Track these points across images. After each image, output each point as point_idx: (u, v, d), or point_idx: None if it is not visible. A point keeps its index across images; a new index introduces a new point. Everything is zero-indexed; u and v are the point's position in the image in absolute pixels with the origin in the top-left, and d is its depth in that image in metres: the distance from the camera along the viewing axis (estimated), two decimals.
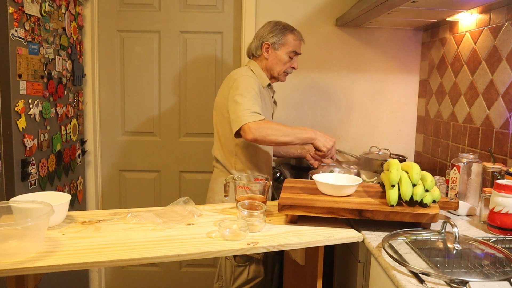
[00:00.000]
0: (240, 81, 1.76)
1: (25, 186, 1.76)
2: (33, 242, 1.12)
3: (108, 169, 2.67)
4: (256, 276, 1.87)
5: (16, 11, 1.66)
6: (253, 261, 1.85)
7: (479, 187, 1.55)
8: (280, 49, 1.88)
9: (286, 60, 1.89)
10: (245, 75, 1.80)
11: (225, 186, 1.56)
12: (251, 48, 1.94)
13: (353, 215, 1.33)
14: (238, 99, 1.69)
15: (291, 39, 1.88)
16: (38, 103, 1.86)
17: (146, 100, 2.62)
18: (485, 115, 1.83)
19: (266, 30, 1.90)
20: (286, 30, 1.89)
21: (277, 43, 1.87)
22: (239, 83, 1.75)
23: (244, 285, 1.87)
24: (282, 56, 1.88)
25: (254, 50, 1.93)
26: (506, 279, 0.99)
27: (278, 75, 1.93)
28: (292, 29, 1.91)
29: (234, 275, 1.87)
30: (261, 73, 1.90)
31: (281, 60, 1.89)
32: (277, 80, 1.97)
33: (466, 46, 1.99)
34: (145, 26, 2.55)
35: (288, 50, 1.88)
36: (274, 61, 1.89)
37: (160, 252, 1.16)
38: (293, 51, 1.89)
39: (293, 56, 1.91)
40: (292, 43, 1.89)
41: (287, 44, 1.88)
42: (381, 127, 2.57)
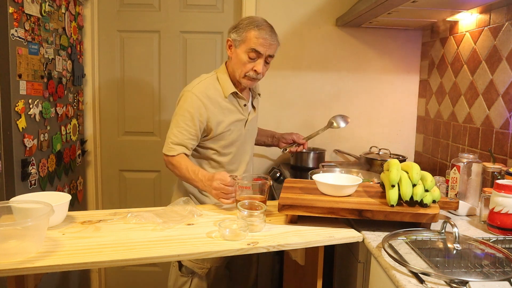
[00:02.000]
0: (182, 100, 1.69)
1: (25, 186, 1.76)
2: (33, 242, 1.12)
3: (108, 169, 2.67)
4: None
5: (16, 11, 1.66)
6: (195, 276, 1.75)
7: (479, 187, 1.55)
8: (240, 46, 1.63)
9: (244, 60, 1.63)
10: (190, 91, 1.66)
11: None
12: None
13: (353, 215, 1.33)
14: (171, 121, 1.71)
15: (252, 35, 1.60)
16: (38, 103, 1.86)
17: (146, 100, 2.62)
18: (485, 115, 1.83)
19: (232, 25, 1.69)
20: (250, 25, 1.62)
21: (237, 40, 1.63)
22: (180, 101, 1.70)
23: None
24: (240, 54, 1.63)
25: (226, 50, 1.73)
26: (506, 279, 0.99)
27: (239, 78, 1.68)
28: (259, 25, 1.62)
29: (176, 284, 1.79)
30: (225, 82, 1.71)
31: (240, 59, 1.64)
32: (241, 85, 1.73)
33: (466, 46, 1.99)
34: (145, 26, 2.55)
35: (246, 48, 1.61)
36: (235, 61, 1.67)
37: (160, 252, 1.16)
38: (252, 49, 1.61)
39: (254, 57, 1.62)
40: (253, 40, 1.60)
41: (246, 41, 1.61)
42: (381, 127, 2.57)
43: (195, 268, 1.74)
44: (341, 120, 2.05)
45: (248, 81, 1.69)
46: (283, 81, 2.48)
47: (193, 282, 1.76)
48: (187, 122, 1.66)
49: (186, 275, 1.77)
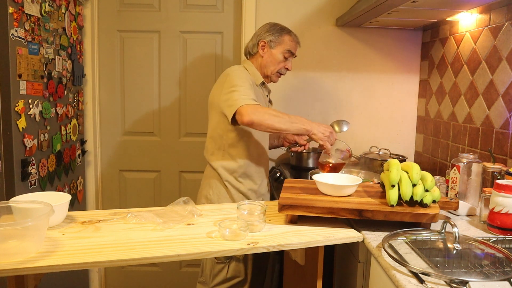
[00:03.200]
0: (234, 75, 1.76)
1: (25, 186, 1.76)
2: (33, 242, 1.12)
3: (108, 169, 2.67)
4: (235, 276, 1.85)
5: (16, 11, 1.66)
6: (232, 260, 1.84)
7: (479, 187, 1.55)
8: (276, 47, 1.89)
9: (280, 59, 1.90)
10: (238, 70, 1.81)
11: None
12: (248, 46, 1.96)
13: (353, 215, 1.33)
14: (233, 89, 1.68)
15: (287, 39, 1.90)
16: (38, 103, 1.86)
17: (146, 100, 2.62)
18: (485, 115, 1.83)
19: (264, 29, 1.92)
20: (283, 30, 1.91)
21: (273, 42, 1.89)
22: (233, 77, 1.74)
23: (223, 283, 1.85)
24: (277, 55, 1.89)
25: (250, 48, 1.94)
26: (506, 279, 0.99)
27: (271, 74, 1.93)
28: (289, 31, 1.92)
29: (213, 272, 1.86)
30: (254, 72, 1.91)
31: (276, 59, 1.90)
32: (270, 81, 1.97)
33: (466, 46, 1.99)
34: (145, 26, 2.55)
35: (283, 50, 1.89)
36: (269, 60, 1.90)
37: (160, 252, 1.16)
38: (288, 50, 1.90)
39: (288, 57, 1.92)
40: (288, 43, 1.90)
41: (283, 44, 1.89)
42: (381, 127, 2.57)
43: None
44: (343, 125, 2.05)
45: (277, 77, 1.97)
46: (283, 81, 2.48)
47: (230, 267, 1.84)
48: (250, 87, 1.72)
49: (223, 262, 1.83)
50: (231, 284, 1.85)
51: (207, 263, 1.90)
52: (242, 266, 1.85)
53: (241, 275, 1.86)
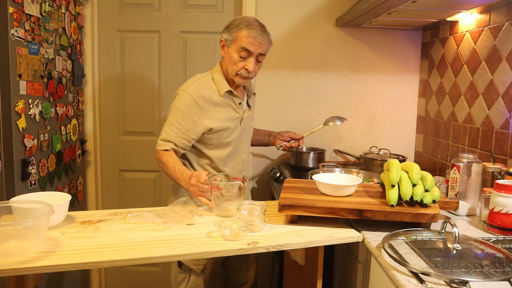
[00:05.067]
0: (176, 99, 1.72)
1: (25, 186, 1.76)
2: (33, 242, 1.12)
3: (108, 169, 2.67)
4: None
5: (16, 11, 1.66)
6: (192, 272, 1.79)
7: (479, 187, 1.55)
8: (231, 46, 1.68)
9: (235, 59, 1.67)
10: (184, 90, 1.70)
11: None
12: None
13: (353, 215, 1.33)
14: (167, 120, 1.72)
15: (242, 35, 1.64)
16: (38, 103, 1.86)
17: (146, 100, 2.62)
18: (485, 115, 1.83)
19: (225, 25, 1.72)
20: (241, 24, 1.66)
21: (228, 40, 1.68)
22: (175, 100, 1.73)
23: None
24: (232, 54, 1.68)
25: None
26: (506, 279, 0.99)
27: (231, 76, 1.72)
28: (249, 24, 1.66)
29: (176, 280, 1.83)
30: (220, 81, 1.74)
31: (231, 58, 1.68)
32: (234, 83, 1.75)
33: (466, 46, 1.99)
34: (145, 26, 2.55)
35: (237, 47, 1.66)
36: (227, 60, 1.71)
37: (160, 252, 1.16)
38: (242, 47, 1.64)
39: (244, 56, 1.66)
40: (243, 39, 1.64)
41: (237, 40, 1.65)
42: (381, 127, 2.57)
43: (191, 265, 1.78)
44: (337, 119, 2.08)
45: (241, 79, 1.72)
46: (283, 81, 2.48)
47: (190, 279, 1.80)
48: (178, 120, 1.68)
49: (184, 272, 1.80)
50: None
51: (172, 270, 1.86)
52: (202, 281, 1.80)
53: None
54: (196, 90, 1.70)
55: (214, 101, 1.72)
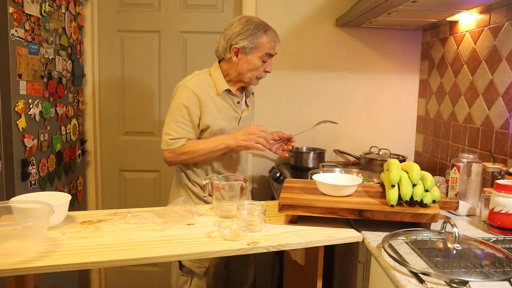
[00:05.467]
0: (175, 94, 1.70)
1: (25, 186, 1.77)
2: (33, 242, 1.12)
3: (108, 169, 2.67)
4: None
5: (16, 11, 1.66)
6: (194, 275, 1.77)
7: (479, 187, 1.55)
8: (252, 53, 1.66)
9: (258, 65, 1.68)
10: (183, 86, 1.69)
11: (204, 186, 1.55)
12: (219, 49, 1.73)
13: (353, 215, 1.33)
14: (167, 116, 1.70)
15: (264, 41, 1.66)
16: (38, 103, 1.86)
17: (146, 100, 2.62)
18: (485, 115, 1.83)
19: (235, 31, 1.66)
20: (258, 30, 1.65)
21: (248, 47, 1.65)
22: (174, 96, 1.71)
23: None
24: (254, 61, 1.67)
25: (222, 52, 1.71)
26: (506, 279, 0.99)
27: (249, 80, 1.73)
28: (265, 29, 1.67)
29: (178, 283, 1.81)
30: (218, 79, 1.72)
31: (253, 65, 1.68)
32: (248, 85, 1.80)
33: (466, 46, 1.99)
34: (145, 26, 2.55)
35: (260, 54, 1.67)
36: (245, 66, 1.68)
37: (160, 252, 1.16)
38: (265, 53, 1.67)
39: (266, 60, 1.70)
40: (266, 46, 1.66)
41: (259, 47, 1.66)
42: (381, 127, 2.57)
43: (193, 267, 1.76)
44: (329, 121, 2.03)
45: (257, 81, 1.77)
46: (283, 81, 2.48)
47: (193, 281, 1.78)
48: (185, 117, 1.67)
49: (186, 275, 1.78)
50: None
51: (173, 272, 1.84)
52: (204, 283, 1.78)
53: None
54: (196, 85, 1.69)
55: (213, 98, 1.71)
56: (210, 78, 1.74)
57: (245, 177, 1.57)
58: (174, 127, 1.67)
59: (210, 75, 1.75)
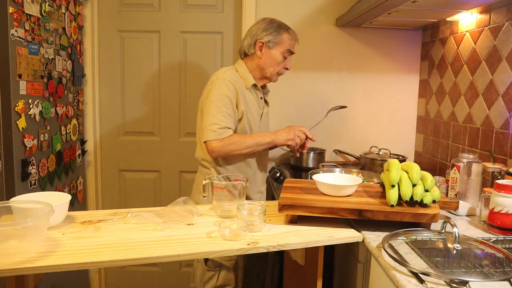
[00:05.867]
0: (214, 86, 1.74)
1: (25, 186, 1.76)
2: (33, 242, 1.12)
3: (108, 169, 2.67)
4: (226, 284, 1.81)
5: (16, 11, 1.66)
6: (223, 268, 1.80)
7: (479, 187, 1.55)
8: (275, 48, 1.80)
9: (280, 60, 1.82)
10: (222, 78, 1.75)
11: (204, 186, 1.56)
12: (244, 45, 1.86)
13: (353, 215, 1.33)
14: (209, 108, 1.71)
15: (286, 38, 1.81)
16: (38, 103, 1.86)
17: (146, 100, 2.62)
18: (485, 115, 1.83)
19: (260, 27, 1.82)
20: (281, 28, 1.81)
21: (272, 42, 1.80)
22: (213, 88, 1.74)
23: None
24: (276, 55, 1.81)
25: (246, 48, 1.84)
26: (506, 279, 0.99)
27: (270, 75, 1.86)
28: (287, 28, 1.83)
29: (203, 279, 1.82)
30: (245, 74, 1.83)
31: (275, 59, 1.82)
32: (269, 81, 1.90)
33: (466, 46, 1.99)
34: (145, 26, 2.55)
35: (282, 50, 1.81)
36: (268, 61, 1.82)
37: (160, 252, 1.16)
38: (287, 50, 1.82)
39: (287, 56, 1.84)
40: (288, 42, 1.82)
41: (282, 43, 1.80)
42: (381, 127, 2.57)
43: (223, 261, 1.78)
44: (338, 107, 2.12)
45: (277, 77, 1.90)
46: (283, 81, 2.48)
47: (220, 275, 1.80)
48: (228, 107, 1.72)
49: (213, 269, 1.80)
50: None
51: (197, 269, 1.86)
52: (233, 275, 1.82)
53: (231, 284, 1.83)
54: (232, 77, 1.78)
55: (243, 92, 1.80)
56: (237, 74, 1.83)
57: (245, 177, 1.57)
58: (220, 117, 1.69)
59: (236, 71, 1.83)
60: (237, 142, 1.69)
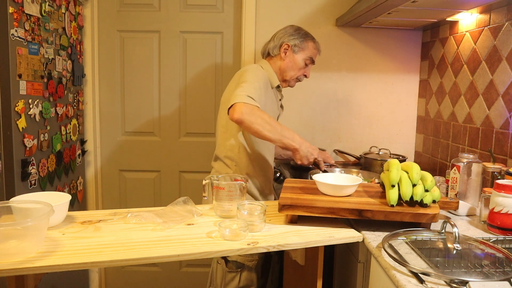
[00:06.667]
0: (249, 72, 1.73)
1: (25, 186, 1.76)
2: (33, 242, 1.12)
3: (108, 169, 2.67)
4: (248, 285, 1.80)
5: (16, 11, 1.66)
6: (244, 269, 1.79)
7: (479, 187, 1.55)
8: (299, 53, 1.86)
9: (301, 65, 1.88)
10: (256, 68, 1.78)
11: (204, 186, 1.55)
12: (269, 47, 1.90)
13: (353, 215, 1.33)
14: (242, 84, 1.63)
15: (311, 46, 1.88)
16: (38, 103, 1.86)
17: (146, 100, 2.62)
18: (485, 115, 1.83)
19: (288, 31, 1.88)
20: (307, 36, 1.89)
21: (298, 46, 1.85)
22: (247, 73, 1.71)
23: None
24: (299, 60, 1.87)
25: (271, 49, 1.89)
26: (506, 279, 0.99)
27: (290, 79, 1.89)
28: (313, 38, 1.90)
29: (224, 281, 1.81)
30: (272, 73, 1.87)
31: (297, 64, 1.87)
32: (287, 85, 1.93)
33: (466, 46, 1.99)
34: (145, 26, 2.55)
35: (306, 56, 1.87)
36: (290, 64, 1.86)
37: (160, 252, 1.16)
38: (310, 57, 1.88)
39: (308, 63, 1.90)
40: (312, 50, 1.88)
41: (306, 50, 1.87)
42: (381, 127, 2.57)
43: (245, 261, 1.77)
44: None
45: (295, 83, 1.94)
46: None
47: (242, 276, 1.79)
48: (261, 86, 1.69)
49: (234, 270, 1.79)
50: None
51: (217, 272, 1.84)
52: (255, 275, 1.81)
53: (253, 284, 1.81)
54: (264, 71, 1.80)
55: (269, 89, 1.82)
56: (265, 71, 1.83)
57: (245, 177, 1.57)
58: (252, 90, 1.60)
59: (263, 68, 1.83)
60: (266, 118, 1.56)
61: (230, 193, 1.45)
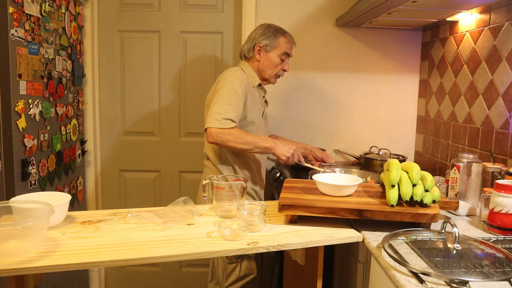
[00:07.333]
0: (225, 82, 1.80)
1: (25, 186, 1.76)
2: (33, 242, 1.12)
3: (108, 169, 2.67)
4: (249, 273, 1.88)
5: (16, 11, 1.66)
6: (244, 258, 1.87)
7: (479, 187, 1.55)
8: (272, 51, 1.91)
9: (277, 62, 1.92)
10: (233, 75, 1.82)
11: (204, 186, 1.56)
12: (244, 49, 1.97)
13: (353, 215, 1.33)
14: (216, 100, 1.75)
15: (282, 41, 1.91)
16: (38, 103, 1.86)
17: (146, 100, 2.62)
18: (485, 115, 1.83)
19: (258, 32, 1.93)
20: (278, 32, 1.92)
21: (269, 46, 1.90)
22: (224, 83, 1.79)
23: (237, 282, 1.88)
24: (273, 58, 1.91)
25: (246, 52, 1.96)
26: (506, 279, 0.99)
27: (269, 77, 1.95)
28: (283, 32, 1.93)
29: (226, 272, 1.88)
30: (252, 73, 1.93)
31: (273, 62, 1.92)
32: (268, 83, 1.99)
33: (466, 46, 1.99)
34: (145, 26, 2.55)
35: (279, 52, 1.91)
36: (266, 63, 1.92)
37: (160, 252, 1.16)
38: (284, 52, 1.91)
39: (284, 59, 1.93)
40: (284, 45, 1.91)
41: (278, 47, 1.91)
42: (381, 127, 2.57)
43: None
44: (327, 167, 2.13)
45: (275, 79, 2.00)
46: (283, 81, 2.48)
47: (242, 265, 1.87)
48: (236, 102, 1.76)
49: (234, 261, 1.86)
50: (245, 282, 1.88)
51: (218, 265, 1.92)
52: (254, 264, 1.89)
53: (254, 272, 1.89)
54: (242, 76, 1.85)
55: (251, 90, 1.88)
56: (245, 73, 1.90)
57: (245, 177, 1.57)
58: (225, 108, 1.73)
59: (243, 70, 1.91)
60: (237, 135, 1.71)
61: (230, 193, 1.45)
